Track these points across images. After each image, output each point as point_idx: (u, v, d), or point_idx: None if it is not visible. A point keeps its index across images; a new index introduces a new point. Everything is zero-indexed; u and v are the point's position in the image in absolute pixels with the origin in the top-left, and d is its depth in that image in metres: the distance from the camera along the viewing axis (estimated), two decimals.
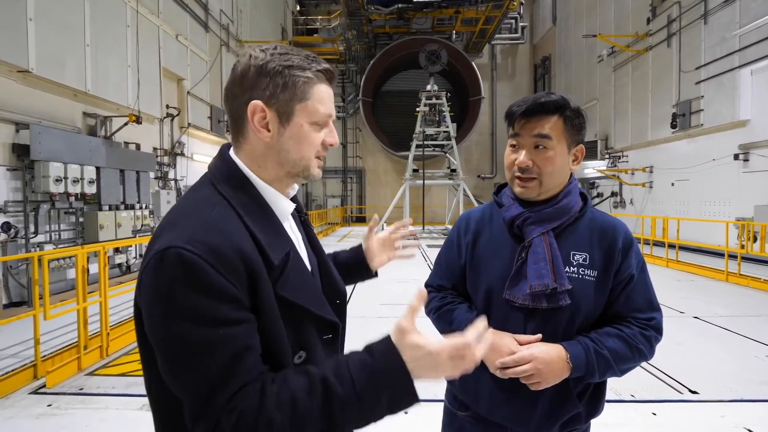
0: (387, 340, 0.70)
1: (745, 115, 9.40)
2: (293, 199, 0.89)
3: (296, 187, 0.89)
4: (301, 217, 0.93)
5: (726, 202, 10.02)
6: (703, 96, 10.58)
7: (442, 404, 1.34)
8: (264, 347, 0.71)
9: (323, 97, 0.79)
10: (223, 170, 0.79)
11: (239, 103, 0.76)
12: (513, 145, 1.15)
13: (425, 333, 0.71)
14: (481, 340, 0.71)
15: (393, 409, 0.70)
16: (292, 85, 0.75)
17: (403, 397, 0.69)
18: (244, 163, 0.79)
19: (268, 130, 0.76)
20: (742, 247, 7.77)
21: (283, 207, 0.82)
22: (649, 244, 9.84)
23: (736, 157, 9.56)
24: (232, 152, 0.81)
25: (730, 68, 9.67)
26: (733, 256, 7.59)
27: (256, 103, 0.74)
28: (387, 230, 1.23)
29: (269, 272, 0.72)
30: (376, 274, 1.22)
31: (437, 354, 0.69)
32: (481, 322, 0.72)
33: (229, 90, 0.78)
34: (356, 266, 1.18)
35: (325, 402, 0.66)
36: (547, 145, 1.09)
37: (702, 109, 10.60)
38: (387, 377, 0.68)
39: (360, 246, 1.21)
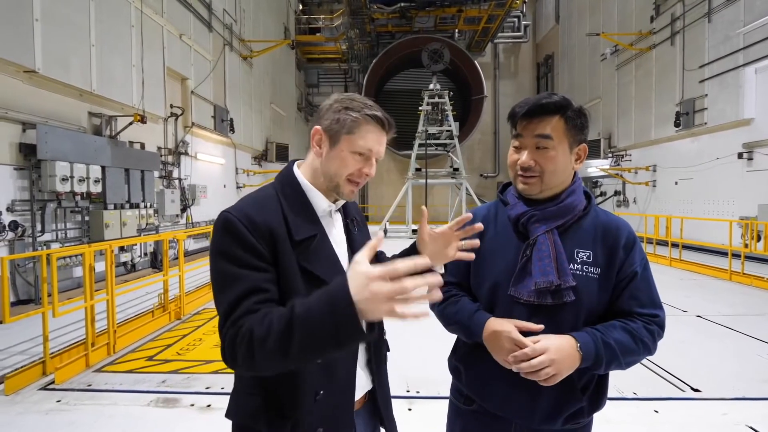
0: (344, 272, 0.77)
1: (749, 113, 9.37)
2: (344, 205, 1.14)
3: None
4: (347, 220, 1.14)
5: (730, 201, 9.98)
6: (706, 94, 10.54)
7: (447, 401, 1.37)
8: (283, 302, 0.88)
9: (367, 135, 1.02)
10: (282, 172, 1.09)
11: (311, 126, 1.06)
12: (516, 146, 1.18)
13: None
14: (417, 276, 0.70)
15: (338, 336, 0.72)
16: (343, 121, 1.01)
17: (345, 322, 0.71)
18: (302, 172, 1.07)
19: (320, 148, 1.04)
20: (746, 246, 7.76)
21: (318, 203, 1.06)
22: (652, 243, 9.82)
23: (739, 155, 9.53)
24: (296, 164, 1.10)
25: (734, 66, 9.63)
26: (736, 255, 7.58)
27: (317, 128, 1.04)
28: (447, 225, 1.14)
29: (293, 246, 0.95)
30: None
31: (366, 274, 0.70)
32: (421, 259, 0.72)
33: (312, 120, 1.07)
34: None
35: (288, 320, 0.78)
36: (548, 146, 1.11)
37: (706, 108, 10.57)
38: (332, 300, 0.73)
39: (413, 246, 1.18)
